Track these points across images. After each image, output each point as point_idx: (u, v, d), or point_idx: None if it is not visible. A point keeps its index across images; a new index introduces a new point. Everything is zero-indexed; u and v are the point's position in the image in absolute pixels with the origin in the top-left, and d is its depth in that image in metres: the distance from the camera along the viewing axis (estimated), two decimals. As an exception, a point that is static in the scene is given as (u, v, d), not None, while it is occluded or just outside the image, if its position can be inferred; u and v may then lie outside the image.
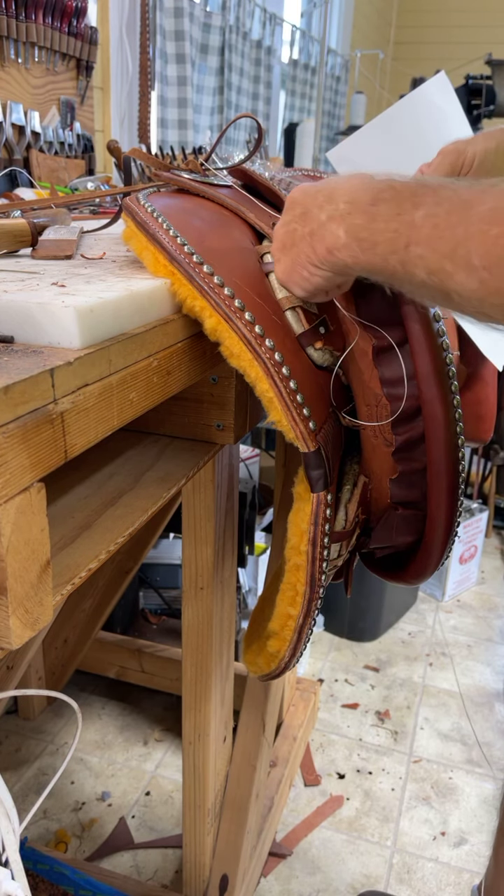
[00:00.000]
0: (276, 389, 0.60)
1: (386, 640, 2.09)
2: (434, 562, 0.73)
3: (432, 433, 0.66)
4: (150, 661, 1.70)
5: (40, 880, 1.18)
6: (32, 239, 0.72)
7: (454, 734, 1.73)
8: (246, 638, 0.86)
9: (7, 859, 0.47)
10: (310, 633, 0.72)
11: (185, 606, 1.03)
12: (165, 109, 2.17)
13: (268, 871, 1.37)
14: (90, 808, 1.48)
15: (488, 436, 0.91)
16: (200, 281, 0.59)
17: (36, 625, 0.46)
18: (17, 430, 0.40)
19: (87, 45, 1.73)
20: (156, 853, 1.40)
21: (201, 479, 0.95)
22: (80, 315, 0.47)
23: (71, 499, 0.67)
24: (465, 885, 1.35)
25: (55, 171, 1.65)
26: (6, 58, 1.52)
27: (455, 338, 0.81)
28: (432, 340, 0.65)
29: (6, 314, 0.49)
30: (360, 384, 0.68)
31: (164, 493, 0.70)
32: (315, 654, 2.01)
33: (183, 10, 2.08)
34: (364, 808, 1.51)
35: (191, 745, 1.11)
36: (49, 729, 1.69)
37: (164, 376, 0.57)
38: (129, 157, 0.95)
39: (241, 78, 2.58)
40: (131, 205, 0.67)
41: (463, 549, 2.26)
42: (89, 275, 0.60)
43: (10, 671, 1.36)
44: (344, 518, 0.70)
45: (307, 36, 3.14)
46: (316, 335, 0.65)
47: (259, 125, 0.83)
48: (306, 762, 1.62)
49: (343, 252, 0.50)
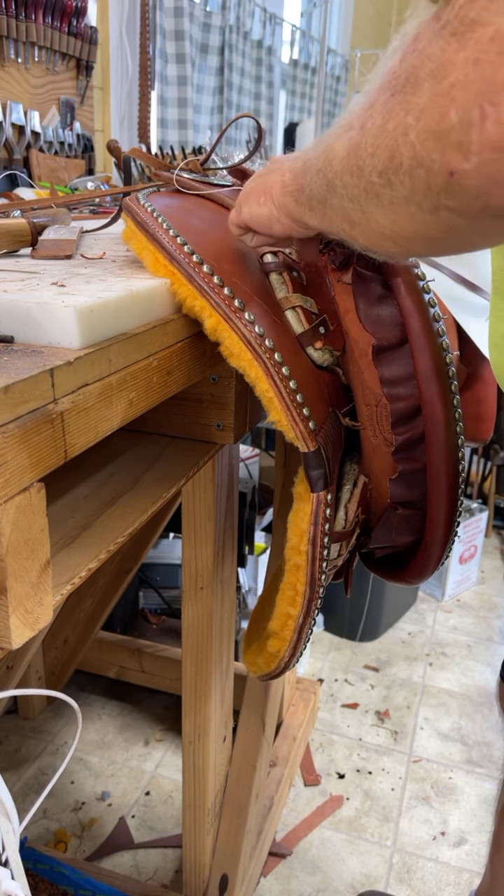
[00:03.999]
0: (276, 389, 0.60)
1: (386, 639, 2.09)
2: (434, 562, 0.73)
3: (432, 433, 0.66)
4: (150, 660, 1.70)
5: (40, 880, 1.18)
6: (32, 239, 0.72)
7: (454, 734, 1.73)
8: (246, 638, 0.86)
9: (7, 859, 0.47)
10: (310, 632, 0.72)
11: (184, 606, 1.03)
12: (165, 109, 2.17)
13: (268, 870, 1.37)
14: (90, 808, 1.48)
15: (488, 436, 0.91)
16: (200, 281, 0.59)
17: (36, 624, 0.46)
18: (17, 429, 0.40)
19: (87, 44, 1.73)
20: (156, 853, 1.40)
21: (201, 479, 0.95)
22: (80, 315, 0.47)
23: (71, 499, 0.67)
24: (464, 885, 1.35)
25: (55, 170, 1.65)
26: (6, 58, 1.52)
27: (455, 338, 0.81)
28: (432, 340, 0.65)
29: (6, 314, 0.49)
30: (359, 384, 0.68)
31: (163, 492, 0.70)
32: (315, 654, 2.01)
33: (183, 10, 2.08)
34: (364, 808, 1.51)
35: (191, 745, 1.11)
36: (49, 729, 1.69)
37: (164, 376, 0.57)
38: (129, 157, 0.95)
39: (242, 78, 2.58)
40: (131, 205, 0.67)
41: (463, 548, 2.26)
42: (89, 275, 0.60)
43: (10, 671, 1.36)
44: (344, 518, 0.70)
45: (307, 36, 3.14)
46: (316, 335, 0.65)
47: (259, 125, 0.83)
48: (306, 762, 1.62)
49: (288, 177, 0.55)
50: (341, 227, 0.48)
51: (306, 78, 3.16)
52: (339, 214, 0.47)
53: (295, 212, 0.55)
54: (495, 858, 1.07)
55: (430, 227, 0.39)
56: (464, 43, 0.33)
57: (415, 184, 0.37)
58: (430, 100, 0.34)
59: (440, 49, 0.34)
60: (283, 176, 0.56)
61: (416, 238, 0.41)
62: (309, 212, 0.53)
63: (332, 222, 0.50)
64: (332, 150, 0.45)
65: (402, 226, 0.41)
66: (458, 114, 0.33)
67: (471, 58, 0.32)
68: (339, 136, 0.44)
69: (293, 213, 0.56)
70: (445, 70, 0.34)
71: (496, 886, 1.07)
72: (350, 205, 0.44)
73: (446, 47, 0.34)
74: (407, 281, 0.65)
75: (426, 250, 0.44)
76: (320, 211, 0.51)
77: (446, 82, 0.34)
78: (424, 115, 0.35)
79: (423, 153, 0.35)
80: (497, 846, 1.06)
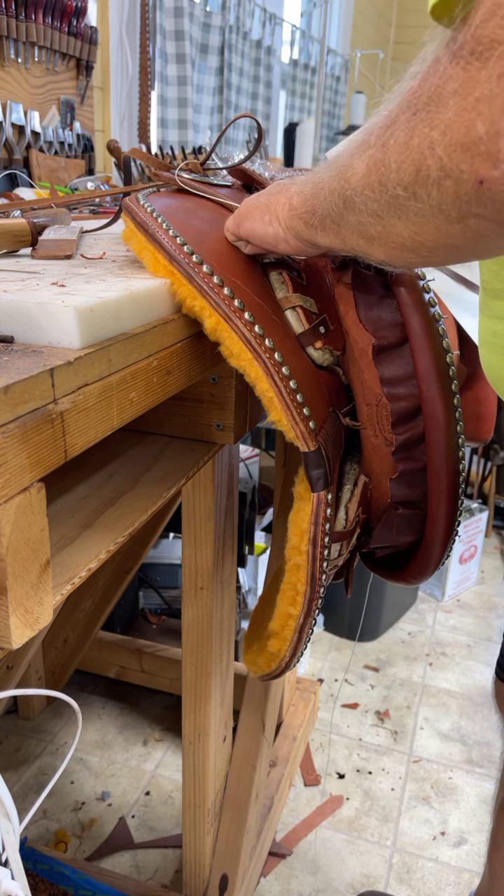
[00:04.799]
0: (276, 389, 0.59)
1: (386, 639, 2.09)
2: (434, 561, 0.73)
3: (432, 433, 0.66)
4: (150, 660, 1.70)
5: (40, 880, 1.18)
6: (32, 239, 0.72)
7: (454, 734, 1.73)
8: (246, 638, 0.86)
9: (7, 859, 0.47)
10: (310, 632, 0.72)
11: (184, 606, 1.03)
12: (165, 109, 2.17)
13: (268, 870, 1.37)
14: (90, 808, 1.48)
15: (488, 436, 0.91)
16: (200, 281, 0.59)
17: (36, 624, 0.46)
18: (17, 429, 0.40)
19: (87, 44, 1.73)
20: (156, 853, 1.40)
21: (201, 478, 0.95)
22: (80, 315, 0.47)
23: (71, 499, 0.67)
24: (464, 885, 1.35)
25: (55, 170, 1.65)
26: (6, 57, 1.51)
27: (455, 338, 0.81)
28: (433, 340, 0.65)
29: (6, 314, 0.49)
30: (359, 384, 0.68)
31: (163, 492, 0.70)
32: (315, 654, 2.01)
33: (183, 10, 2.08)
34: (364, 808, 1.51)
35: (191, 745, 1.11)
36: (49, 729, 1.69)
37: (164, 376, 0.57)
38: (129, 157, 0.95)
39: (241, 78, 2.58)
40: (131, 205, 0.67)
41: (463, 548, 2.26)
42: (89, 275, 0.60)
43: (10, 671, 1.36)
44: (344, 518, 0.70)
45: (307, 36, 3.14)
46: (316, 335, 0.65)
47: (259, 125, 0.83)
48: (306, 762, 1.62)
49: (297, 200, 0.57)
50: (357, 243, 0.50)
51: (306, 78, 3.15)
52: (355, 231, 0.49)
53: (304, 234, 0.56)
54: (494, 857, 1.07)
55: (455, 236, 0.41)
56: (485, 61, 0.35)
57: (442, 194, 0.39)
58: (456, 114, 0.37)
59: (461, 69, 0.36)
60: (290, 199, 0.57)
61: (439, 247, 0.43)
62: (321, 232, 0.54)
63: (346, 240, 0.51)
64: (350, 169, 0.46)
65: (426, 236, 0.43)
66: (486, 126, 0.35)
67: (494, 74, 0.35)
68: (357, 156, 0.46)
69: (302, 234, 0.57)
70: (469, 87, 0.36)
71: (495, 886, 1.07)
72: (370, 220, 0.46)
73: (468, 67, 0.36)
74: (407, 281, 0.65)
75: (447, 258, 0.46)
76: (334, 230, 0.52)
77: (471, 98, 0.36)
78: (451, 129, 0.37)
79: (450, 164, 0.38)
80: (495, 845, 1.06)
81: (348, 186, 0.47)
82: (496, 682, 1.01)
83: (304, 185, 0.55)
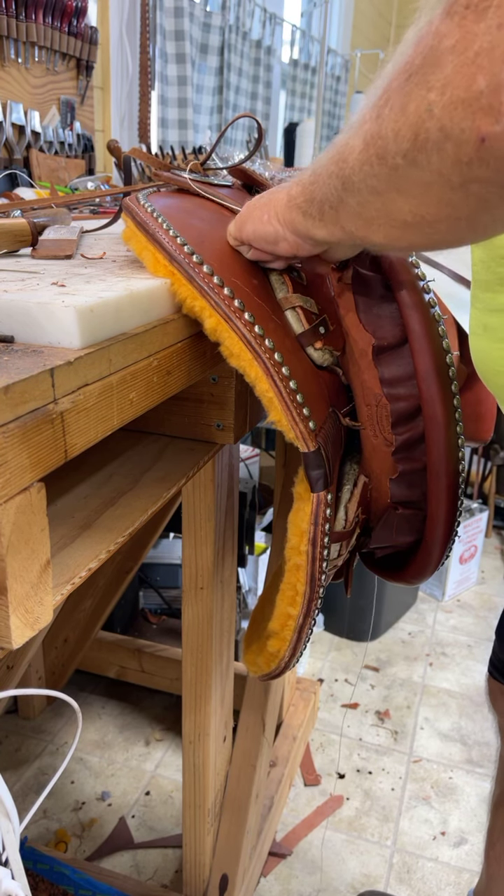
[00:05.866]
0: (276, 389, 0.59)
1: (386, 639, 2.09)
2: (434, 561, 0.73)
3: (432, 433, 0.66)
4: (150, 660, 1.70)
5: (40, 880, 1.18)
6: (32, 239, 0.72)
7: (454, 734, 1.73)
8: (246, 638, 0.86)
9: (7, 859, 0.47)
10: (310, 632, 0.72)
11: (185, 606, 1.03)
12: (165, 109, 2.17)
13: (268, 870, 1.37)
14: (90, 808, 1.48)
15: (488, 436, 0.91)
16: (200, 281, 0.59)
17: (36, 624, 0.46)
18: (17, 429, 0.40)
19: (87, 44, 1.73)
20: (156, 853, 1.40)
21: (201, 478, 0.95)
22: (80, 315, 0.47)
23: (71, 499, 0.67)
24: (464, 885, 1.35)
25: (55, 170, 1.65)
26: (6, 57, 1.52)
27: (455, 338, 0.81)
28: (433, 340, 0.65)
29: (6, 314, 0.49)
30: (359, 384, 0.68)
31: (163, 492, 0.70)
32: (315, 654, 2.01)
33: (183, 10, 2.08)
34: (364, 808, 1.51)
35: (191, 745, 1.11)
36: (49, 728, 1.69)
37: (164, 376, 0.57)
38: (129, 157, 0.95)
39: (241, 78, 2.58)
40: (131, 205, 0.67)
41: (463, 548, 2.26)
42: (89, 275, 0.60)
43: (10, 671, 1.36)
44: (344, 518, 0.70)
45: (307, 36, 3.14)
46: (316, 335, 0.65)
47: (259, 125, 0.83)
48: (306, 762, 1.62)
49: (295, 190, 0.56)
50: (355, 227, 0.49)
51: (306, 78, 3.15)
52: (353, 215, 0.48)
53: (301, 226, 0.56)
54: (490, 855, 1.07)
55: (457, 206, 0.40)
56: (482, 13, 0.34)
57: (443, 159, 0.37)
58: (455, 71, 0.35)
59: (457, 25, 0.35)
60: (289, 191, 0.56)
61: (441, 220, 0.42)
62: (318, 222, 0.53)
63: (344, 227, 0.50)
64: (347, 148, 0.45)
65: (427, 209, 0.41)
66: (487, 78, 0.34)
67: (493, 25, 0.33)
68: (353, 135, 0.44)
69: (299, 227, 0.56)
70: (467, 41, 0.35)
71: (492, 885, 1.07)
72: (369, 198, 0.45)
73: (463, 21, 0.35)
74: (407, 281, 0.65)
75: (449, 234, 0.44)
76: (332, 217, 0.51)
77: (470, 52, 0.34)
78: (449, 86, 0.36)
79: (450, 124, 0.36)
80: (491, 842, 1.06)
81: (346, 166, 0.45)
82: (489, 679, 1.01)
83: (303, 174, 0.55)
